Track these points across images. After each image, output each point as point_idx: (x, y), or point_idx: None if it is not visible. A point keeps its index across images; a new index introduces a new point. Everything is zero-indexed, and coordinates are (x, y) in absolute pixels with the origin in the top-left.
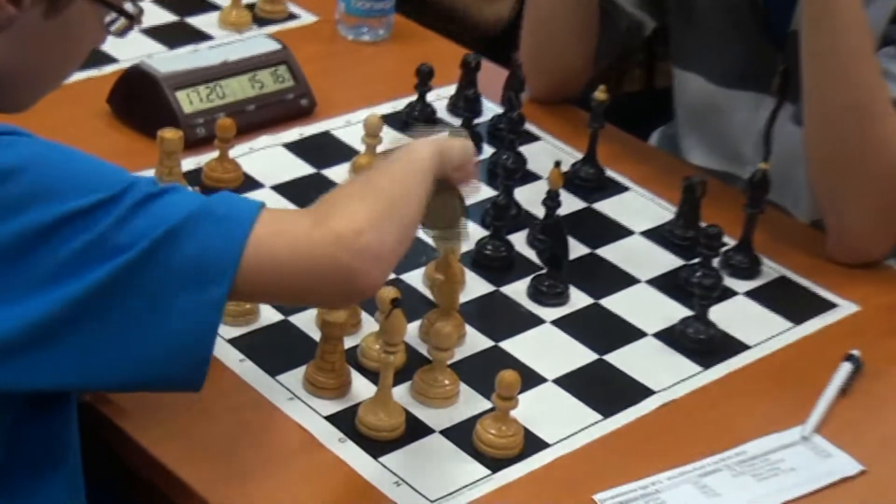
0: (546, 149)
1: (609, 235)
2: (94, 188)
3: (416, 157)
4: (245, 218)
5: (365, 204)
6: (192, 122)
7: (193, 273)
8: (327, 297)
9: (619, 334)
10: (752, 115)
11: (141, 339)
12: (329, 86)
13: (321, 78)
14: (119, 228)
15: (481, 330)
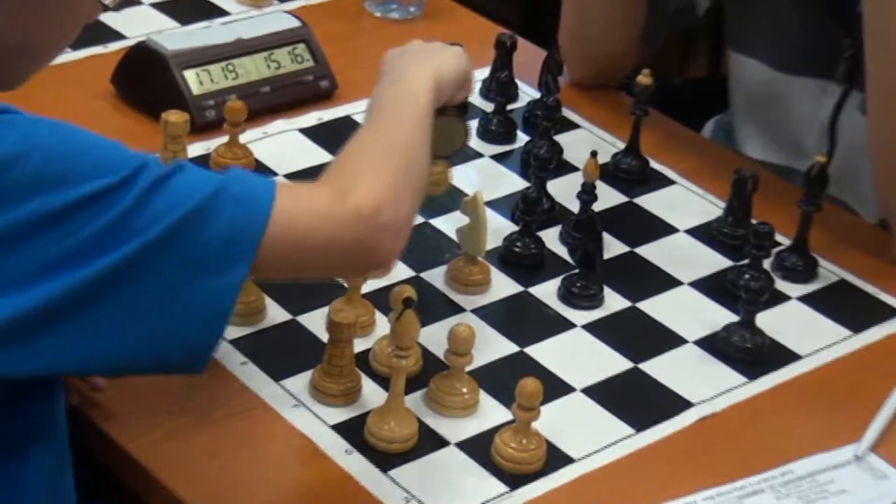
0: (585, 137)
1: (650, 233)
2: (102, 171)
3: (418, 102)
4: (263, 197)
5: (381, 175)
6: (202, 103)
7: (212, 257)
8: (346, 270)
9: (657, 341)
10: (816, 104)
11: (152, 324)
12: (352, 67)
13: (343, 58)
14: (134, 213)
15: (506, 333)
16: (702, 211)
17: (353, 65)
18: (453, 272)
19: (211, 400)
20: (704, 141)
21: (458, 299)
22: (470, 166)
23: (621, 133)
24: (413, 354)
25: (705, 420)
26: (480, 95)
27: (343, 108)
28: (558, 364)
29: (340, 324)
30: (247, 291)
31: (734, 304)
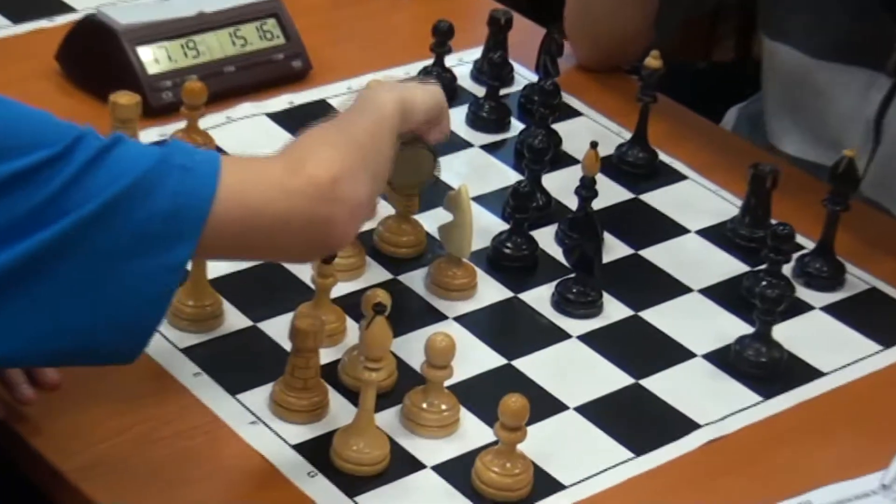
0: (587, 126)
1: (657, 233)
2: (40, 144)
3: (382, 111)
4: (209, 170)
5: (338, 150)
6: (158, 84)
7: (155, 234)
8: (299, 250)
9: (661, 354)
10: (861, 98)
11: (88, 305)
12: (328, 45)
13: (318, 35)
14: (72, 187)
15: (492, 344)
16: (715, 210)
17: (329, 43)
18: (434, 275)
19: (158, 416)
20: (721, 131)
21: (438, 305)
22: (456, 157)
23: (627, 122)
24: (385, 367)
25: (714, 443)
26: (471, 78)
27: (317, 90)
28: (550, 379)
29: (305, 331)
30: (202, 294)
31: (749, 314)
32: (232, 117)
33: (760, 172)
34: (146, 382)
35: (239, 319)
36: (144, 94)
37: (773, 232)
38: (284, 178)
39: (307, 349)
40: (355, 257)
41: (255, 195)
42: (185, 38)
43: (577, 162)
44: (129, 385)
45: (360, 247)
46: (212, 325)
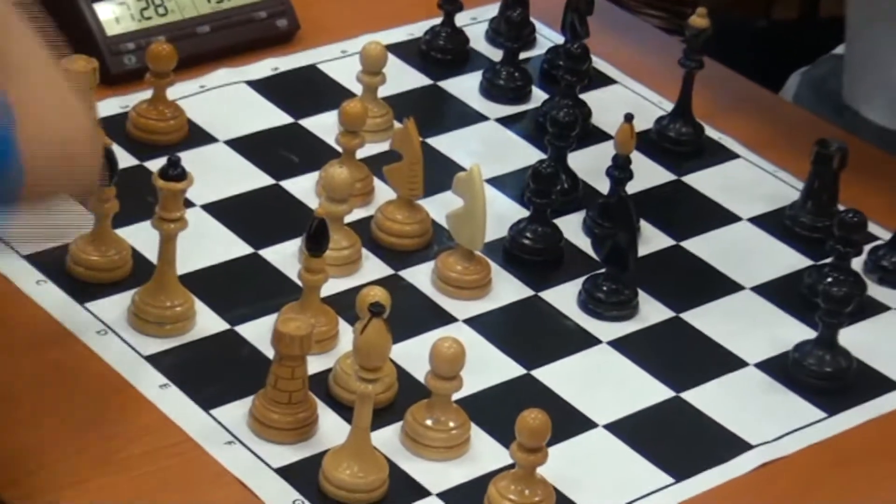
0: (621, 96)
1: (703, 221)
2: None
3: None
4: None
5: None
6: (118, 47)
7: None
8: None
9: (707, 363)
10: None
11: None
12: (319, 2)
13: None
14: None
15: (509, 351)
16: (772, 194)
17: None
18: (442, 270)
19: (119, 434)
20: (779, 101)
21: (446, 305)
22: (468, 132)
23: (668, 91)
24: (384, 377)
25: (769, 466)
26: (486, 39)
27: (306, 54)
28: (576, 391)
29: (291, 336)
30: (169, 292)
31: (811, 315)
32: (206, 86)
33: (826, 150)
34: (105, 395)
35: (213, 322)
36: (103, 58)
37: (841, 220)
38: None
39: (293, 357)
40: (349, 249)
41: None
42: None
43: (609, 138)
44: (85, 398)
45: (354, 237)
46: (181, 328)
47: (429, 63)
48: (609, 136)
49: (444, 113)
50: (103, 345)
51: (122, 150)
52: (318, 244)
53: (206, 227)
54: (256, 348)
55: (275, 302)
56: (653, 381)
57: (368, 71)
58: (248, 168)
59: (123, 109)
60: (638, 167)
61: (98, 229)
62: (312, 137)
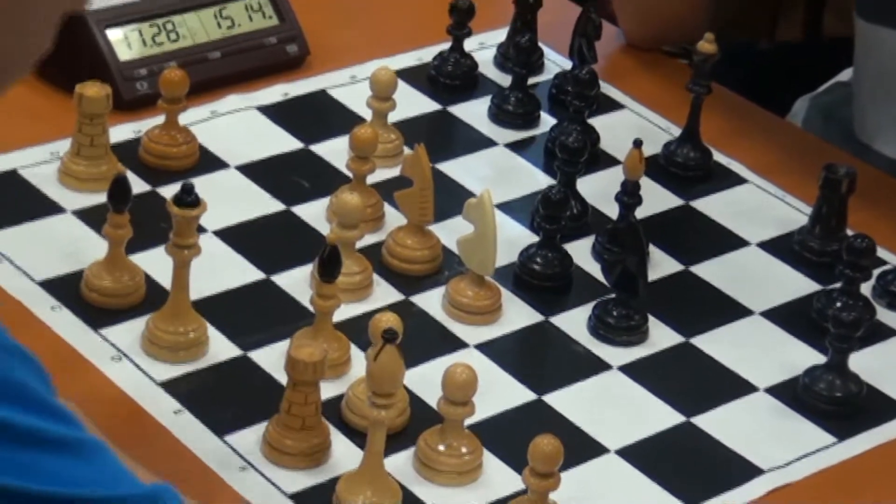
0: (629, 121)
1: (712, 246)
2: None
3: None
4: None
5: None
6: (131, 73)
7: None
8: None
9: (717, 388)
10: None
11: None
12: (328, 26)
13: (318, 14)
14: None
15: (520, 376)
16: (780, 218)
17: (329, 24)
18: (453, 295)
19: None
20: (787, 126)
21: (457, 330)
22: (477, 157)
23: (676, 115)
24: (396, 403)
25: (780, 491)
26: (495, 65)
27: (317, 79)
28: (587, 417)
29: (304, 362)
30: (183, 319)
31: (821, 340)
32: (217, 111)
33: (834, 175)
34: (120, 421)
35: (226, 348)
36: (115, 84)
37: (850, 245)
38: None
39: (306, 383)
40: (361, 275)
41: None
42: (162, 19)
43: (617, 163)
44: (99, 424)
45: (365, 262)
46: (195, 354)
47: (438, 88)
48: (617, 161)
49: (453, 138)
50: (117, 371)
51: (135, 176)
52: (331, 270)
53: (218, 252)
54: (269, 374)
55: (287, 328)
56: (663, 406)
57: (378, 96)
58: (259, 194)
59: (136, 135)
60: (646, 192)
61: (112, 255)
62: (323, 163)
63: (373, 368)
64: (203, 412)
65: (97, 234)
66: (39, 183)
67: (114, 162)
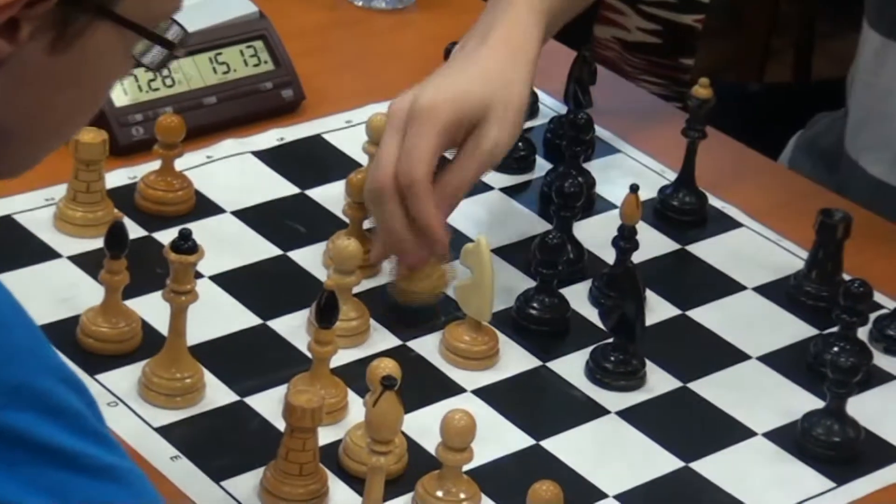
0: (625, 165)
1: (708, 291)
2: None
3: None
4: None
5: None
6: (126, 119)
7: None
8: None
9: (715, 433)
10: None
11: None
12: (323, 71)
13: (313, 60)
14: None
15: (518, 422)
16: (777, 263)
17: (324, 69)
18: (450, 340)
19: None
20: (781, 170)
21: (455, 376)
22: (473, 202)
23: (672, 160)
24: (395, 449)
25: None
26: None
27: (312, 124)
28: (585, 462)
29: (302, 408)
30: (180, 364)
31: (818, 385)
32: (213, 156)
33: (830, 220)
34: None
35: (223, 394)
36: (111, 130)
37: (846, 289)
38: None
39: (304, 429)
40: (358, 320)
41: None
42: None
43: (614, 207)
44: None
45: (363, 308)
46: (191, 399)
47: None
48: (613, 205)
49: None
50: (114, 416)
51: (131, 222)
52: (328, 317)
53: (215, 298)
54: (266, 420)
55: (284, 373)
56: (662, 451)
57: (374, 141)
58: (256, 239)
59: (132, 180)
60: (642, 236)
61: (108, 301)
62: (318, 208)
63: (372, 415)
64: (200, 458)
65: (93, 279)
66: (35, 228)
67: (110, 207)
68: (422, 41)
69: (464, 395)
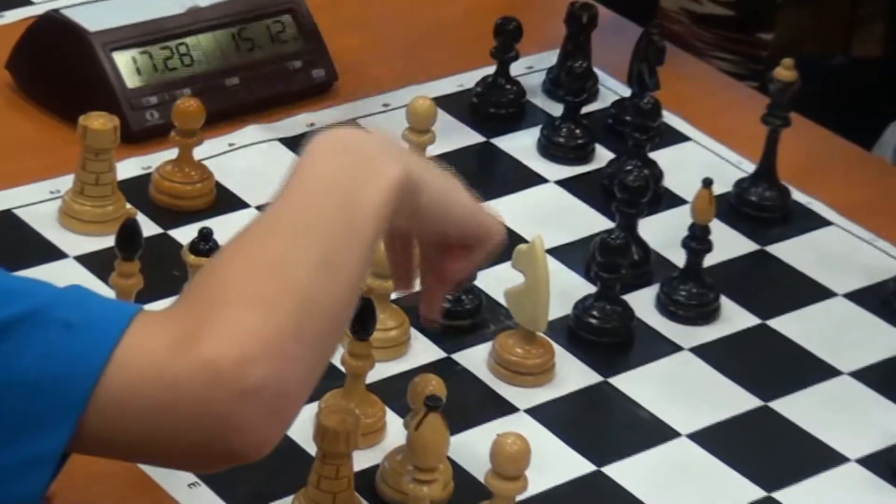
0: (697, 155)
1: (791, 297)
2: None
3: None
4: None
5: (263, 309)
6: (140, 102)
7: (10, 413)
8: (192, 456)
9: (801, 458)
10: None
11: None
12: (358, 49)
13: (346, 36)
14: None
15: (577, 445)
16: (871, 266)
17: (359, 46)
18: (500, 353)
19: None
20: (876, 161)
21: (506, 393)
22: (525, 196)
23: (750, 149)
24: (439, 477)
25: None
26: (544, 91)
27: (344, 108)
28: (654, 490)
29: (335, 431)
30: None
31: None
32: (236, 144)
33: None
34: (130, 496)
35: None
36: (123, 115)
37: None
38: (171, 355)
39: (337, 454)
40: (397, 330)
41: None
42: (174, 42)
43: (682, 202)
44: (109, 499)
45: (402, 316)
46: None
47: (481, 118)
48: (683, 200)
49: (498, 175)
50: None
51: (145, 217)
52: (365, 326)
53: None
54: (295, 443)
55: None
56: (741, 479)
57: (416, 129)
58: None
59: (145, 171)
60: (716, 236)
61: None
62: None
63: (414, 440)
64: (220, 486)
65: (103, 282)
66: (38, 225)
67: (121, 202)
68: (466, 16)
69: (516, 415)
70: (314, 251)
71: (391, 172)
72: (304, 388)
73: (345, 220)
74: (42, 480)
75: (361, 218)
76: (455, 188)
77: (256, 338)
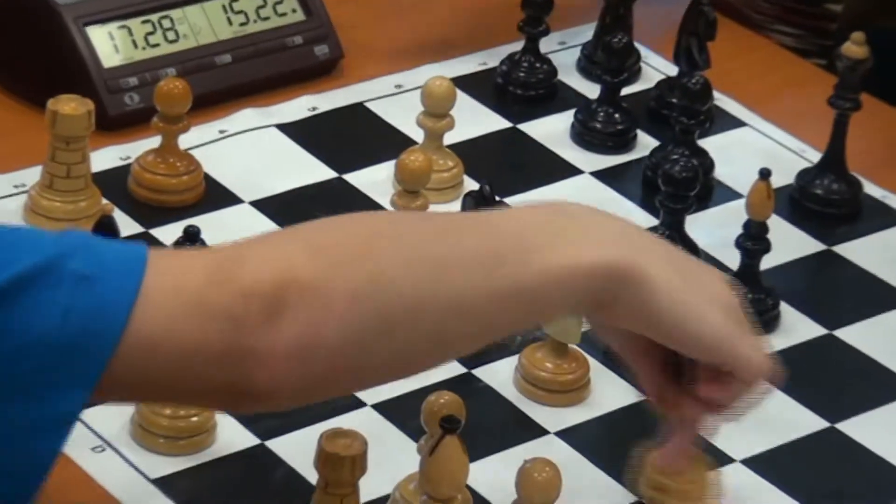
0: (753, 143)
1: (862, 304)
2: None
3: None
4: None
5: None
6: (118, 83)
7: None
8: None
9: (873, 486)
10: None
11: None
12: (366, 22)
13: (353, 8)
14: None
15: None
16: None
17: (368, 18)
18: (528, 368)
19: None
20: None
21: (534, 413)
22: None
23: (814, 136)
24: None
25: None
26: (578, 70)
27: (351, 90)
28: None
29: (340, 456)
30: None
31: None
32: (228, 130)
33: None
34: None
35: (239, 436)
36: (99, 98)
37: None
38: (204, 290)
39: (342, 483)
40: None
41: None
42: (157, 14)
43: (736, 196)
44: None
45: None
46: (200, 444)
47: (507, 101)
48: (737, 194)
49: (526, 164)
50: (100, 465)
51: (123, 214)
52: None
53: None
54: (295, 470)
55: (316, 410)
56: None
57: (432, 113)
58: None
59: (124, 162)
60: (775, 234)
61: None
62: (361, 197)
63: (428, 466)
64: None
65: None
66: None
67: (96, 196)
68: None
69: (545, 438)
70: (425, 250)
71: (596, 251)
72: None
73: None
74: (61, 439)
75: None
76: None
77: (298, 272)
